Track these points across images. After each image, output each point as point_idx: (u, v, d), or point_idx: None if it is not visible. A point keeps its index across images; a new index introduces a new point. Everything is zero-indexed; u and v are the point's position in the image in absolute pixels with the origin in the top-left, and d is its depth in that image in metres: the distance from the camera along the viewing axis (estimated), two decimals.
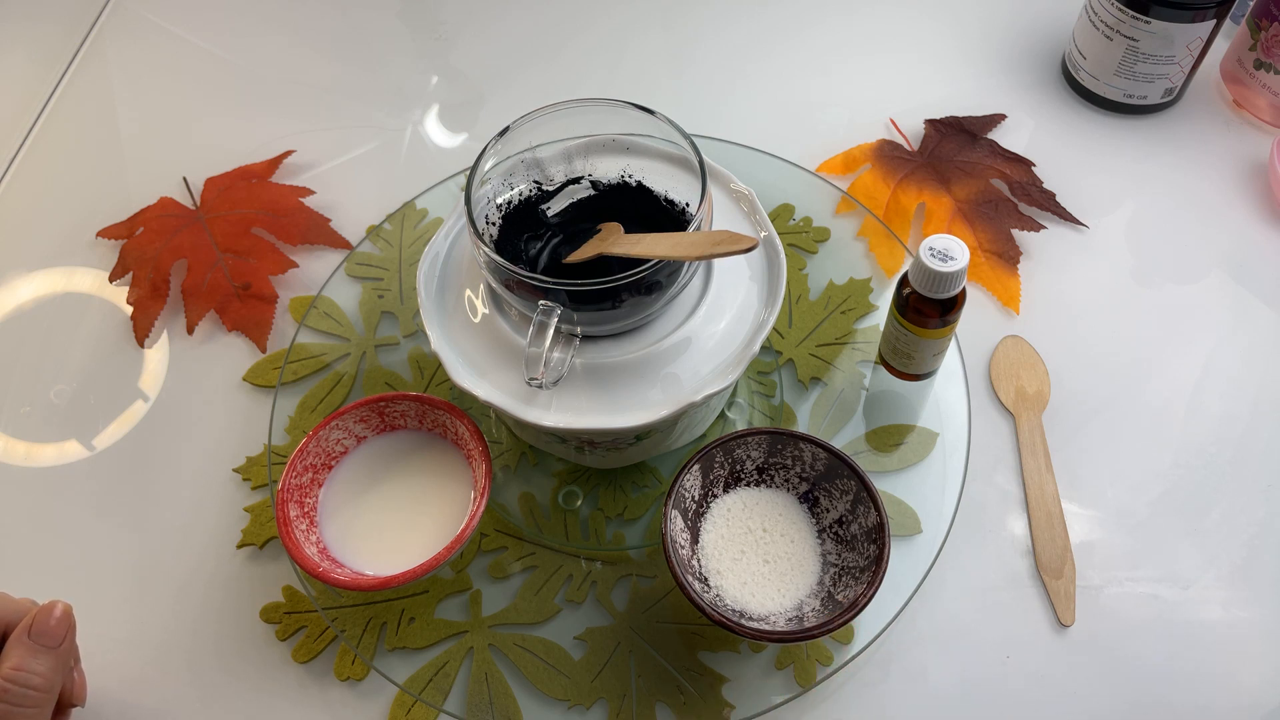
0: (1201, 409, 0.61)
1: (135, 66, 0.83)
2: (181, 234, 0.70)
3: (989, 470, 0.59)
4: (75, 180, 0.76)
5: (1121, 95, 0.74)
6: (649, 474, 0.58)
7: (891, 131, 0.75)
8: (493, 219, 0.53)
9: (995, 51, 0.81)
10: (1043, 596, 0.55)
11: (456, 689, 0.52)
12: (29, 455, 0.62)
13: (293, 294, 0.67)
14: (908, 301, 0.55)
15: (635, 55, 0.82)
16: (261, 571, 0.56)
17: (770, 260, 0.53)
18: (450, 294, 0.52)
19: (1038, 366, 0.63)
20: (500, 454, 0.59)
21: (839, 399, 0.61)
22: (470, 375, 0.50)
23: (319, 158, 0.76)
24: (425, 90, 0.80)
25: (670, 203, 0.54)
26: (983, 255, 0.68)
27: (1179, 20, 0.67)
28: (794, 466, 0.53)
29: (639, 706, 0.51)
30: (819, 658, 0.52)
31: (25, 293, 0.69)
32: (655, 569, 0.55)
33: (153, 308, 0.67)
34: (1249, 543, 0.56)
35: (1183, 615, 0.54)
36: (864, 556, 0.49)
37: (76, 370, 0.65)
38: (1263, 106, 0.74)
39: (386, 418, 0.55)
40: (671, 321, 0.51)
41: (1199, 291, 0.66)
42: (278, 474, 0.58)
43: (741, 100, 0.78)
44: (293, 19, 0.86)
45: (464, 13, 0.85)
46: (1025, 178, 0.71)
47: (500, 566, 0.56)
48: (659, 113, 0.50)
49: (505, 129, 0.50)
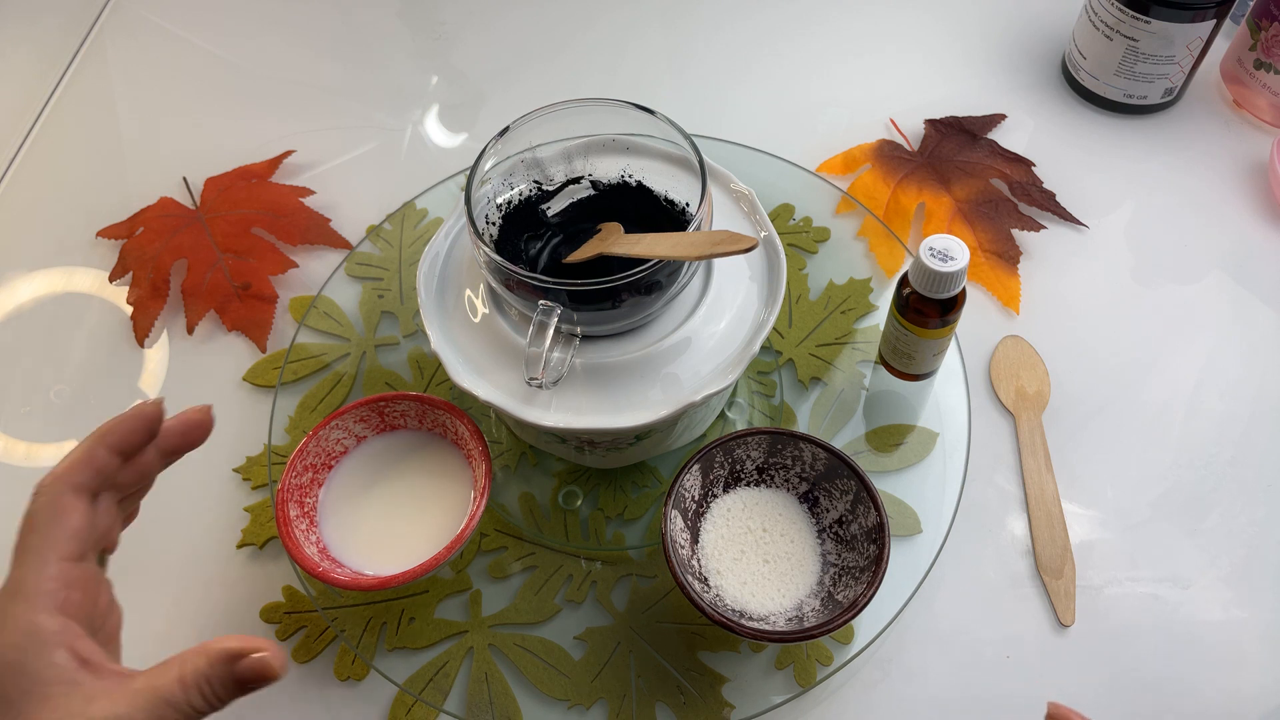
0: (1201, 409, 0.61)
1: (135, 66, 0.83)
2: (181, 234, 0.70)
3: (989, 470, 0.59)
4: (75, 180, 0.76)
5: (1121, 95, 0.74)
6: (649, 474, 0.58)
7: (891, 131, 0.75)
8: (493, 219, 0.53)
9: (995, 51, 0.81)
10: (1043, 596, 0.55)
11: (456, 689, 0.52)
12: (29, 455, 0.62)
13: (293, 294, 0.67)
14: (908, 301, 0.55)
15: (635, 55, 0.82)
16: (261, 571, 0.56)
17: (770, 260, 0.53)
18: (450, 294, 0.52)
19: (1038, 366, 0.63)
20: (500, 454, 0.59)
21: (839, 399, 0.61)
22: (470, 375, 0.50)
23: (319, 158, 0.76)
24: (425, 90, 0.80)
25: (670, 203, 0.54)
26: (983, 255, 0.68)
27: (1179, 20, 0.67)
28: (794, 466, 0.53)
29: (639, 706, 0.51)
30: (819, 658, 0.52)
31: (25, 293, 0.69)
32: (655, 569, 0.55)
33: (153, 308, 0.67)
34: (1249, 543, 0.56)
35: (1183, 615, 0.54)
36: (864, 556, 0.49)
37: (76, 370, 0.65)
38: (1263, 106, 0.74)
39: (386, 418, 0.55)
40: (671, 321, 0.51)
41: (1199, 291, 0.66)
42: (278, 474, 0.58)
43: (741, 100, 0.78)
44: (293, 19, 0.86)
45: (464, 13, 0.85)
46: (1025, 178, 0.71)
47: (500, 566, 0.56)
48: (659, 113, 0.50)
49: (505, 129, 0.50)
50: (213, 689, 0.37)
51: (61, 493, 0.37)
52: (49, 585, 0.36)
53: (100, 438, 0.39)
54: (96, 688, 0.35)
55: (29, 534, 0.37)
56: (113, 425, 0.39)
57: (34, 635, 0.35)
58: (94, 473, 0.38)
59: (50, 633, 0.36)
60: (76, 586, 0.37)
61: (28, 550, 0.37)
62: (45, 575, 0.36)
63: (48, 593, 0.36)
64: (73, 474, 0.38)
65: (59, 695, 0.35)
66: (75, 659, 0.36)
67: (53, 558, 0.37)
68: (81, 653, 0.36)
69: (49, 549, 0.37)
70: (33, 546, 0.37)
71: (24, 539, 0.37)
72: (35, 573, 0.36)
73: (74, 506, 0.38)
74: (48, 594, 0.36)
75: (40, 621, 0.36)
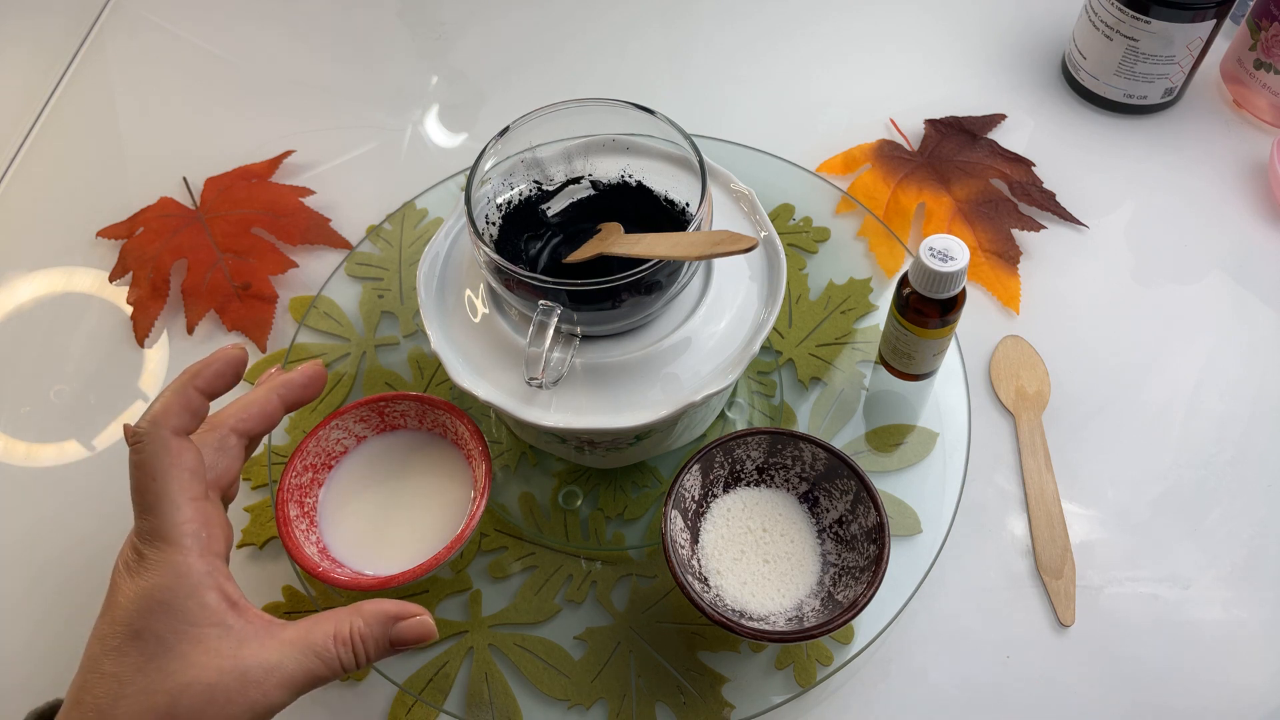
0: (1201, 409, 0.61)
1: (135, 67, 0.83)
2: (181, 234, 0.70)
3: (989, 470, 0.59)
4: (75, 180, 0.76)
5: (1121, 95, 0.74)
6: (649, 474, 0.58)
7: (891, 131, 0.75)
8: (493, 219, 0.53)
9: (995, 51, 0.81)
10: (1043, 596, 0.55)
11: (456, 689, 0.52)
12: (29, 455, 0.62)
13: (293, 294, 0.67)
14: (908, 301, 0.55)
15: (635, 55, 0.82)
16: (261, 571, 0.56)
17: (770, 260, 0.53)
18: (450, 294, 0.52)
19: (1038, 366, 0.63)
20: (500, 454, 0.59)
21: (839, 399, 0.61)
22: (470, 375, 0.50)
23: (319, 158, 0.76)
24: (425, 90, 0.80)
25: (670, 203, 0.54)
26: (983, 255, 0.68)
27: (1179, 20, 0.67)
28: (794, 466, 0.53)
29: (639, 706, 0.51)
30: (819, 658, 0.52)
31: (25, 293, 0.69)
32: (655, 569, 0.55)
33: (153, 308, 0.67)
34: (1249, 543, 0.56)
35: (1183, 615, 0.54)
36: (864, 556, 0.49)
37: (76, 370, 0.65)
38: (1263, 106, 0.74)
39: (386, 418, 0.55)
40: (671, 321, 0.51)
41: (1199, 291, 0.66)
42: (278, 474, 0.58)
43: (741, 100, 0.78)
44: (293, 19, 0.86)
45: (464, 13, 0.85)
46: (1025, 178, 0.71)
47: (500, 566, 0.56)
48: (659, 113, 0.50)
49: (505, 129, 0.50)
50: (365, 648, 0.38)
51: (165, 437, 0.37)
52: (190, 526, 0.36)
53: (190, 378, 0.39)
54: (247, 631, 0.36)
55: (149, 480, 0.36)
56: (200, 367, 0.39)
57: (185, 576, 0.35)
58: (190, 415, 0.38)
59: (201, 573, 0.36)
60: (214, 525, 0.37)
61: (156, 495, 0.36)
62: (182, 517, 0.36)
63: (191, 534, 0.36)
64: (169, 416, 0.37)
65: (211, 637, 0.35)
66: (225, 600, 0.36)
67: (183, 499, 0.36)
68: (230, 595, 0.36)
69: (178, 491, 0.36)
70: (160, 491, 0.36)
71: (145, 484, 0.36)
72: (170, 516, 0.36)
73: (184, 446, 0.37)
74: (191, 535, 0.36)
75: (190, 563, 0.36)
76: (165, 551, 0.36)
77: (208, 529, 0.37)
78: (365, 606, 0.38)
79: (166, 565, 0.35)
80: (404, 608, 0.39)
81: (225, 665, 0.35)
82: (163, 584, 0.35)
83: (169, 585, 0.35)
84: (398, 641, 0.39)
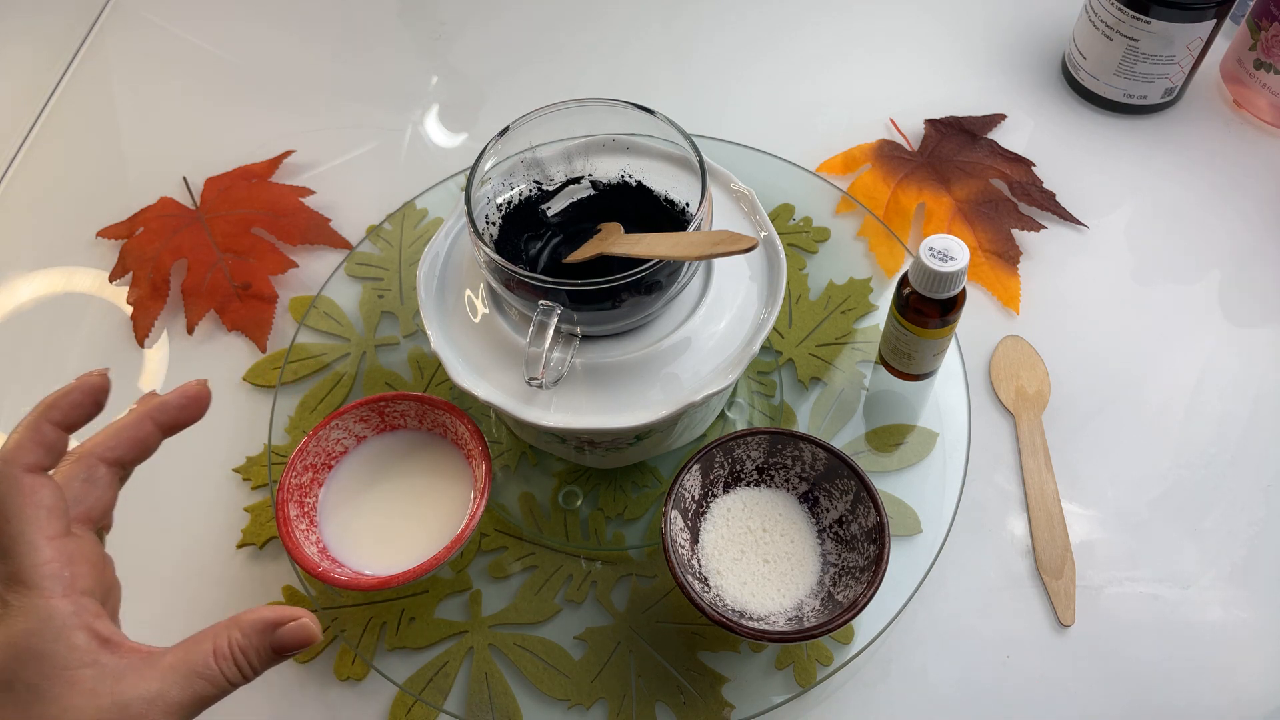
0: (1201, 409, 0.61)
1: (135, 66, 0.83)
2: (181, 234, 0.70)
3: (989, 470, 0.59)
4: (75, 180, 0.76)
5: (1121, 95, 0.74)
6: (649, 474, 0.58)
7: (891, 131, 0.75)
8: (493, 219, 0.53)
9: (995, 51, 0.81)
10: (1043, 596, 0.55)
11: (456, 689, 0.52)
12: None
13: (293, 294, 0.67)
14: (908, 301, 0.55)
15: (635, 55, 0.82)
16: (261, 571, 0.56)
17: (770, 260, 0.53)
18: (450, 294, 0.52)
19: (1038, 366, 0.63)
20: (500, 454, 0.59)
21: (839, 399, 0.61)
22: (470, 375, 0.50)
23: (319, 158, 0.76)
24: (425, 90, 0.80)
25: (670, 203, 0.54)
26: (983, 255, 0.68)
27: (1179, 20, 0.67)
28: (794, 466, 0.53)
29: (639, 706, 0.51)
30: (819, 658, 0.52)
31: (25, 293, 0.69)
32: (655, 569, 0.55)
33: (153, 308, 0.67)
34: (1249, 543, 0.56)
35: (1183, 615, 0.54)
36: (864, 556, 0.49)
37: (76, 370, 0.64)
38: (1263, 106, 0.74)
39: (386, 418, 0.55)
40: (671, 321, 0.51)
41: (1199, 291, 0.66)
42: (278, 474, 0.58)
43: (741, 100, 0.78)
44: (292, 19, 0.86)
45: (464, 13, 0.85)
46: (1025, 178, 0.71)
47: (500, 566, 0.56)
48: (659, 112, 0.50)
49: (505, 129, 0.50)
50: (248, 660, 0.36)
51: (17, 475, 0.35)
52: (50, 568, 0.35)
53: (44, 411, 0.37)
54: (122, 666, 0.35)
55: (3, 523, 0.35)
56: (56, 399, 0.37)
57: (49, 620, 0.34)
58: (45, 450, 0.36)
59: (66, 614, 0.34)
60: (79, 561, 0.36)
61: (11, 538, 0.35)
62: (41, 559, 0.35)
63: (52, 575, 0.35)
64: (21, 453, 0.36)
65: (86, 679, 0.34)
66: (95, 639, 0.35)
67: (40, 540, 0.35)
68: (101, 632, 0.35)
69: (35, 531, 0.35)
70: (14, 534, 0.35)
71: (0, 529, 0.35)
72: (28, 558, 0.35)
73: (39, 484, 0.36)
74: (52, 576, 0.35)
75: (54, 605, 0.34)
76: (27, 596, 0.34)
77: (71, 567, 0.35)
78: (243, 618, 0.37)
79: (29, 611, 0.34)
80: (282, 613, 0.37)
81: (103, 704, 0.34)
82: (28, 629, 0.34)
83: (34, 630, 0.34)
84: (279, 648, 0.37)
